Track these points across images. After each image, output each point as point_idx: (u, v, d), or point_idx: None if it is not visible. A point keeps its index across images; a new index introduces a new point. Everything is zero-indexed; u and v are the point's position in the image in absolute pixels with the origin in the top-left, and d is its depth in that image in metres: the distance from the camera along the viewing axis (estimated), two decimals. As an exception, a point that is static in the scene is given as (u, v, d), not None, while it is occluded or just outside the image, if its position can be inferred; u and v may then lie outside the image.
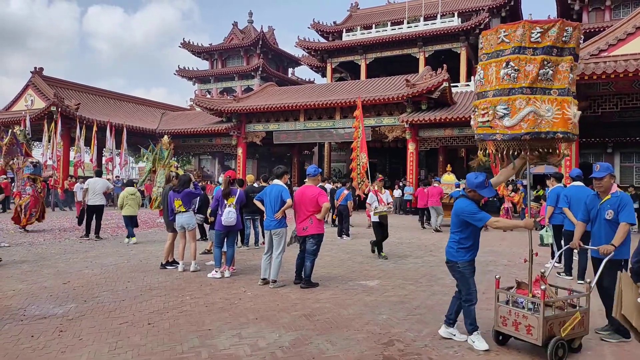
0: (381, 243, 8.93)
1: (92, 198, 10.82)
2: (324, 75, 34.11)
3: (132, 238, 10.38)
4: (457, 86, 25.51)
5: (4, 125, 20.70)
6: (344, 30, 32.69)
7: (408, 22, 30.04)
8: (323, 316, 4.97)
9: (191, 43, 41.43)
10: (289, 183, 9.90)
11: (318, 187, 6.54)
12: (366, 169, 11.53)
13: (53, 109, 21.75)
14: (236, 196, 7.00)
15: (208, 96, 37.26)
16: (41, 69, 25.80)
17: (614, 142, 22.78)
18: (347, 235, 11.96)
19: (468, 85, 26.34)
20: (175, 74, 41.32)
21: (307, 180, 6.61)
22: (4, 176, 16.75)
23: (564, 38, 3.75)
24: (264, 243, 7.04)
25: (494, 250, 9.96)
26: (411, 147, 20.95)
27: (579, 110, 3.88)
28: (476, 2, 31.12)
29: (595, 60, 13.47)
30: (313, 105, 22.19)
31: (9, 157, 12.52)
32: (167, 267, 7.49)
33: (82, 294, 5.77)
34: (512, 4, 29.60)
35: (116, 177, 22.57)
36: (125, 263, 7.93)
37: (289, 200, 6.24)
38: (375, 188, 9.27)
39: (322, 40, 34.29)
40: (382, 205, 8.93)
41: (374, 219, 9.06)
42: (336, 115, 22.53)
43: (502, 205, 15.33)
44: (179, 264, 7.37)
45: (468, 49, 28.00)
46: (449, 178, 15.93)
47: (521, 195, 16.10)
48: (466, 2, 32.08)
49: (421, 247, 10.45)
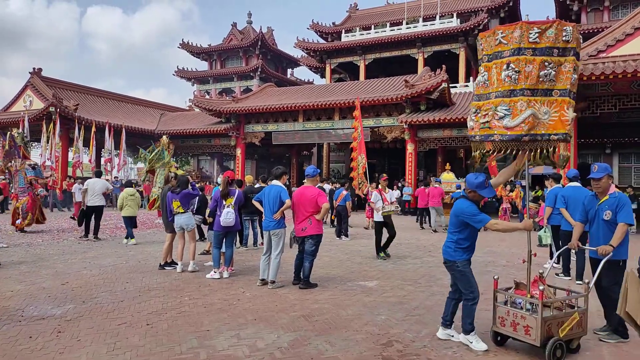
0: (381, 243, 8.91)
1: (91, 199, 10.81)
2: (323, 76, 34.12)
3: (132, 239, 10.38)
4: (456, 87, 25.53)
5: (2, 126, 20.68)
6: (343, 31, 32.73)
7: (407, 23, 30.06)
8: (322, 317, 4.97)
9: (190, 44, 41.46)
10: (288, 184, 9.91)
11: (317, 187, 6.54)
12: (365, 170, 11.53)
13: (52, 109, 21.75)
14: (235, 197, 7.01)
15: (207, 97, 37.28)
16: (40, 70, 25.78)
17: (612, 142, 22.84)
18: (346, 235, 11.96)
19: (467, 85, 26.37)
20: (174, 75, 41.33)
21: (305, 180, 6.61)
22: (3, 177, 16.71)
23: (565, 38, 3.74)
24: (262, 244, 7.03)
25: (493, 250, 9.97)
26: (410, 147, 20.95)
27: (575, 112, 3.89)
28: (475, 3, 31.15)
29: (594, 61, 13.49)
30: (312, 105, 22.20)
31: (7, 159, 12.50)
32: (166, 267, 7.49)
33: (80, 295, 5.76)
34: (510, 4, 29.65)
35: (115, 177, 22.55)
36: (123, 264, 7.93)
37: (288, 201, 6.24)
38: (380, 187, 9.25)
39: (321, 41, 34.31)
40: (389, 205, 8.87)
41: (377, 218, 8.96)
42: (335, 116, 22.53)
43: (501, 206, 15.36)
44: (177, 264, 7.38)
45: (467, 49, 28.03)
46: (448, 177, 16.00)
47: (521, 195, 16.11)
48: (465, 2, 32.11)
49: (420, 247, 10.45)
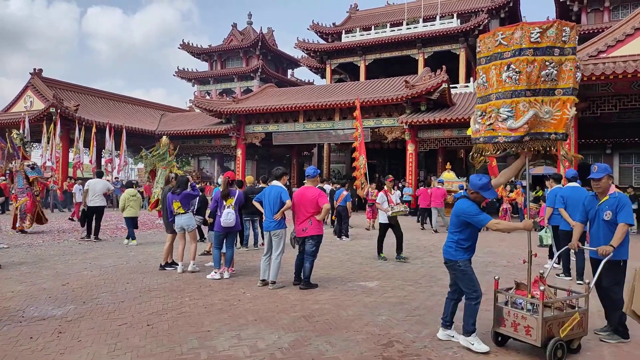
0: (382, 244, 8.91)
1: (92, 199, 10.82)
2: (323, 76, 34.13)
3: (133, 240, 10.38)
4: (456, 87, 25.53)
5: (3, 126, 20.68)
6: (343, 31, 32.74)
7: (407, 24, 30.06)
8: (322, 317, 4.97)
9: (190, 44, 41.50)
10: (288, 184, 9.90)
11: (317, 188, 6.54)
12: (365, 171, 11.55)
13: (52, 110, 21.76)
14: (235, 197, 7.01)
15: (207, 97, 37.31)
16: (40, 70, 25.79)
17: (612, 143, 22.84)
18: (347, 236, 11.96)
19: (467, 86, 26.37)
20: (174, 75, 41.37)
21: (306, 181, 6.62)
22: (3, 177, 16.72)
23: (564, 38, 3.77)
24: (263, 244, 7.03)
25: (493, 251, 9.97)
26: (410, 148, 20.94)
27: (576, 111, 3.90)
28: (475, 4, 31.16)
29: (594, 61, 13.49)
30: (312, 106, 22.20)
31: (8, 161, 12.51)
32: (166, 268, 7.49)
33: (81, 296, 5.76)
34: (511, 5, 29.66)
35: (115, 178, 22.55)
36: (124, 264, 7.93)
37: (288, 202, 6.24)
38: (386, 188, 9.23)
39: (322, 41, 34.33)
40: (398, 206, 8.82)
41: (382, 220, 8.92)
42: (335, 117, 22.53)
43: (501, 206, 15.37)
44: (178, 265, 7.38)
45: (467, 50, 28.02)
46: (449, 176, 16.11)
47: (522, 196, 16.14)
48: (465, 3, 32.12)
49: (420, 247, 10.45)
